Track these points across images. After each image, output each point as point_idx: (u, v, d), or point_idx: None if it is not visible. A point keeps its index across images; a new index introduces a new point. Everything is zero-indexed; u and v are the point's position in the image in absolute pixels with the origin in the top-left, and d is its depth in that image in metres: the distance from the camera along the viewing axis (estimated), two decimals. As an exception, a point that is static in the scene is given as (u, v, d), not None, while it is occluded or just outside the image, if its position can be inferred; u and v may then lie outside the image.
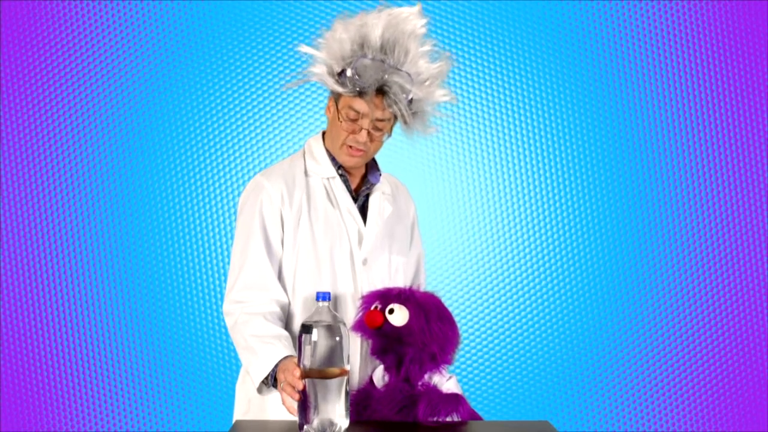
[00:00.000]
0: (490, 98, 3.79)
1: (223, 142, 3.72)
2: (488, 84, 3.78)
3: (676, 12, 3.78)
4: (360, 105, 2.14)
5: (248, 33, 3.72)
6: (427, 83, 2.17)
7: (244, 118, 3.72)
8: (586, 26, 3.78)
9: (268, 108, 3.74)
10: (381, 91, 2.13)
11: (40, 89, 3.67)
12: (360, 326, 2.10)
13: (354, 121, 2.16)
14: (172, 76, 3.70)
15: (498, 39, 3.77)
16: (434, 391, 2.05)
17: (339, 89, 2.14)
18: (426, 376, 2.07)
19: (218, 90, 3.72)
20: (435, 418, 2.00)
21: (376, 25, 2.12)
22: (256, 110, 3.73)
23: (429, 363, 2.07)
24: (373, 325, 2.05)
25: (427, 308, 2.07)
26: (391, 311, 2.05)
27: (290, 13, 3.70)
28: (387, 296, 2.09)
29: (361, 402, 2.08)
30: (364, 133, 2.17)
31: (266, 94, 3.73)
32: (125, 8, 3.68)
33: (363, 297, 2.13)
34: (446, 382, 2.08)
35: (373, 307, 2.07)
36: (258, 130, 3.73)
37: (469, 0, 3.76)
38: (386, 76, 2.12)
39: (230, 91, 3.72)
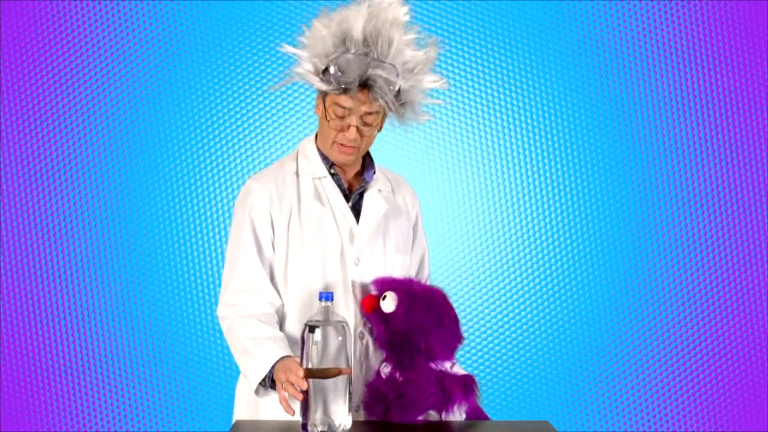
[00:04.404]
0: (490, 98, 3.79)
1: (224, 142, 3.72)
2: (488, 84, 3.78)
3: (676, 12, 3.78)
4: (346, 101, 2.10)
5: (247, 33, 3.72)
6: (414, 71, 2.12)
7: (245, 118, 3.72)
8: (586, 26, 3.78)
9: (268, 108, 3.74)
10: (366, 85, 2.08)
11: (40, 89, 3.67)
12: (365, 313, 2.13)
13: (342, 118, 2.13)
14: (171, 77, 3.70)
15: (498, 39, 3.77)
16: (462, 376, 2.06)
17: (324, 87, 2.10)
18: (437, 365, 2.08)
19: (218, 90, 3.72)
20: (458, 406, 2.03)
21: (356, 18, 2.08)
22: (256, 110, 3.73)
23: (441, 351, 2.07)
24: (367, 310, 2.08)
25: (417, 298, 2.06)
26: (384, 297, 2.06)
27: (290, 13, 3.70)
28: (387, 284, 2.11)
29: (390, 391, 2.05)
30: (353, 130, 2.13)
31: (266, 94, 3.72)
32: (125, 8, 3.68)
33: (373, 283, 2.16)
34: (454, 368, 2.10)
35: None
36: (258, 130, 3.73)
37: (470, 0, 3.76)
38: (370, 70, 2.06)
39: (230, 90, 3.72)
